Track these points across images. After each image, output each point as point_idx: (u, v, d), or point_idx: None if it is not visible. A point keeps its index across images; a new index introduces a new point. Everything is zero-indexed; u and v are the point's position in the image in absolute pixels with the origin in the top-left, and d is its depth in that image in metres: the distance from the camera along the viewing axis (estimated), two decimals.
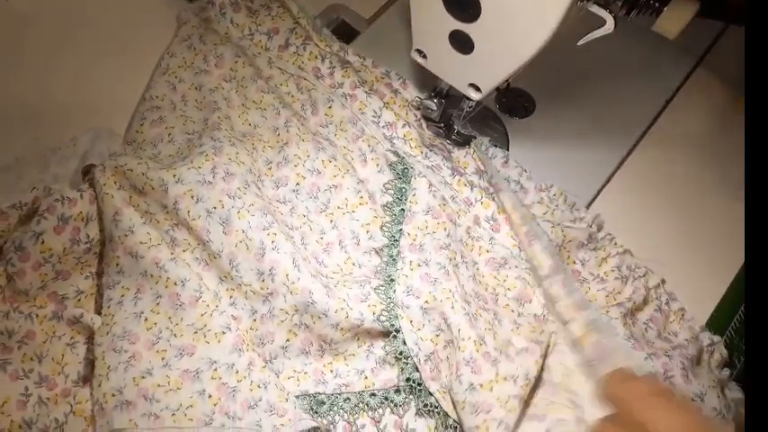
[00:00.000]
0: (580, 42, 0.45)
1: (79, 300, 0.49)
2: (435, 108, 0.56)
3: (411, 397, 0.46)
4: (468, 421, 0.44)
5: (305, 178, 0.53)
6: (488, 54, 0.45)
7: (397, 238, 0.51)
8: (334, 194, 0.53)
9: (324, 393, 0.46)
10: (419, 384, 0.46)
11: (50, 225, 0.47)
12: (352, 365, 0.48)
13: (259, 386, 0.45)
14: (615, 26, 0.43)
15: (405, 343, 0.47)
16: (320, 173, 0.53)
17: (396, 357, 0.47)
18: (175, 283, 0.46)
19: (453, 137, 0.57)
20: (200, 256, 0.49)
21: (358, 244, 0.51)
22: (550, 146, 0.59)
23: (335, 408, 0.46)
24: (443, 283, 0.48)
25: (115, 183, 0.49)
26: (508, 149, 0.59)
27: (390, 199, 0.53)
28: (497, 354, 0.46)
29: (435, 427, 0.46)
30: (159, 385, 0.44)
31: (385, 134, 0.55)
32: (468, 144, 0.57)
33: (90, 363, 0.46)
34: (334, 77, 0.58)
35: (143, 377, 0.44)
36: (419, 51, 0.50)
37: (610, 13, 0.43)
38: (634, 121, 0.60)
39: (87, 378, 0.46)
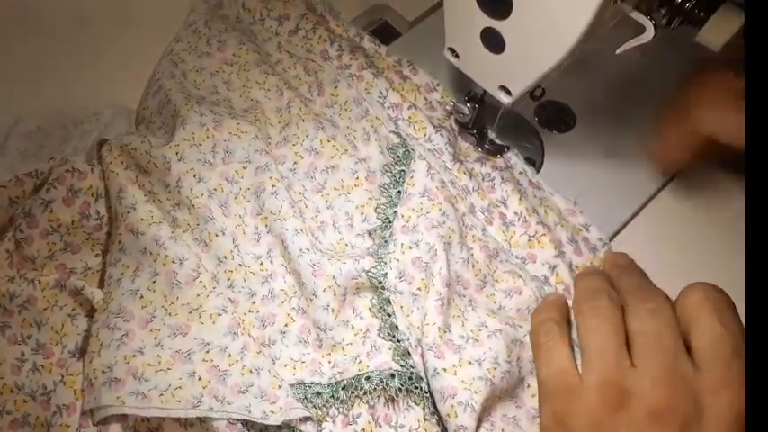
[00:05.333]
0: (619, 50, 0.47)
1: (86, 275, 0.53)
2: (468, 113, 0.58)
3: (402, 383, 0.48)
4: (440, 409, 0.47)
5: (303, 158, 0.57)
6: (519, 54, 0.47)
7: (390, 219, 0.54)
8: (331, 175, 0.56)
9: (320, 384, 0.49)
10: (412, 367, 0.48)
11: (60, 195, 0.51)
12: (350, 353, 0.50)
13: (251, 371, 0.48)
14: (655, 34, 0.45)
15: (397, 327, 0.50)
16: (318, 153, 0.57)
17: (388, 335, 0.50)
18: (173, 261, 0.50)
19: (486, 145, 0.60)
20: (200, 237, 0.53)
21: (352, 226, 0.55)
22: (588, 162, 0.61)
23: (332, 399, 0.48)
24: (431, 266, 0.51)
25: (122, 162, 0.54)
26: (542, 163, 0.61)
27: (388, 180, 0.56)
28: (462, 341, 0.49)
29: (423, 418, 0.47)
30: (150, 364, 0.47)
31: (390, 115, 0.59)
32: (501, 154, 0.59)
33: (87, 338, 0.50)
34: (342, 59, 0.62)
35: (134, 356, 0.48)
36: (451, 50, 0.53)
37: (651, 20, 0.45)
38: None
39: (84, 351, 0.49)
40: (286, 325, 0.51)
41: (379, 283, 0.51)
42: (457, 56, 0.53)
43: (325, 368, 0.50)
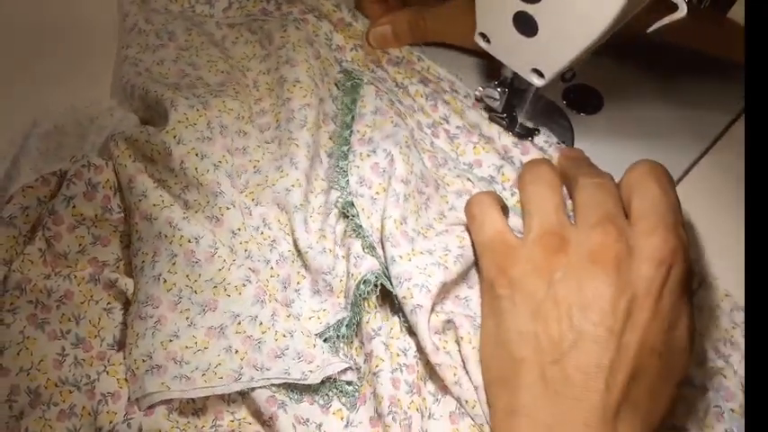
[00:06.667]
0: (650, 29, 0.49)
1: (118, 266, 0.55)
2: (498, 97, 0.60)
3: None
4: (398, 294, 0.50)
5: (281, 113, 0.61)
6: (552, 36, 0.49)
7: (348, 138, 0.59)
8: (309, 111, 0.60)
9: (344, 318, 0.52)
10: (379, 257, 0.53)
11: (79, 190, 0.53)
12: (345, 277, 0.54)
13: (284, 335, 0.50)
14: (687, 12, 0.47)
15: (362, 227, 0.54)
16: (290, 99, 0.60)
17: (354, 234, 0.54)
18: (189, 240, 0.52)
19: (516, 129, 0.61)
20: (212, 214, 0.54)
21: (321, 162, 0.59)
22: (617, 144, 0.62)
23: (354, 324, 0.51)
24: (389, 170, 0.55)
25: (129, 155, 0.56)
26: (573, 145, 0.63)
27: (340, 110, 0.62)
28: (414, 234, 0.53)
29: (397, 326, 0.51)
30: (187, 347, 0.49)
31: (336, 57, 0.65)
32: (531, 137, 0.61)
33: (124, 330, 0.52)
34: (282, 9, 0.67)
35: (170, 340, 0.49)
36: (482, 35, 0.55)
37: None
38: (708, 124, 0.64)
39: (122, 343, 0.51)
40: (298, 283, 0.54)
41: (342, 188, 0.56)
42: (488, 41, 0.55)
43: (343, 305, 0.53)
